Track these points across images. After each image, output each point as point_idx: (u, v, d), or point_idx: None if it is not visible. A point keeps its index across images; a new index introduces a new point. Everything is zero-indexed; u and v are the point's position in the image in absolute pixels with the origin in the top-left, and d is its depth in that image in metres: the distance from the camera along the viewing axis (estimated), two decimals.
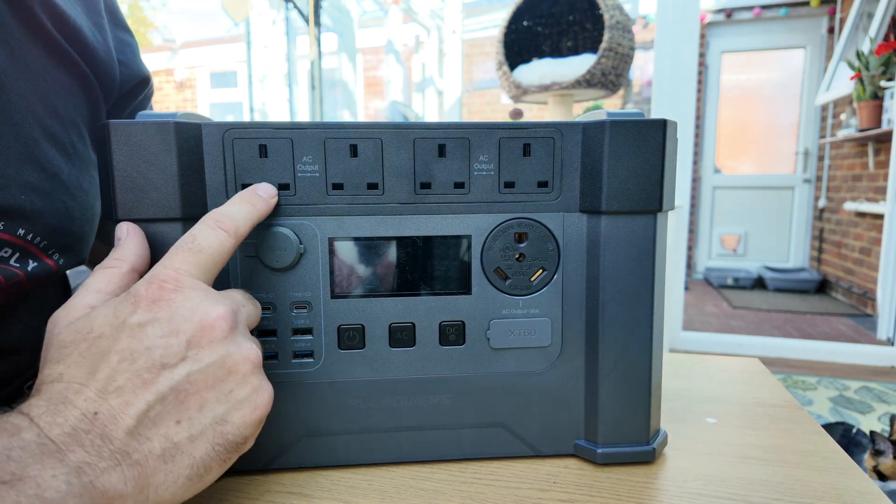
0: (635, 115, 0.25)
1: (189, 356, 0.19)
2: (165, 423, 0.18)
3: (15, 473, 0.15)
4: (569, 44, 1.74)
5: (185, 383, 0.18)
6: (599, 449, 0.27)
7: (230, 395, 0.19)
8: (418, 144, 0.25)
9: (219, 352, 0.19)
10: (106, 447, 0.17)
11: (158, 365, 0.18)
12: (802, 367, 1.75)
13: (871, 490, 0.25)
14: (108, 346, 0.18)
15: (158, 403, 0.18)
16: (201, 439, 0.19)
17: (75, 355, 0.18)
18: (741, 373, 0.41)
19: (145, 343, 0.18)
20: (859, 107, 2.22)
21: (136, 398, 0.18)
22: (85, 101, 0.26)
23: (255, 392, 0.20)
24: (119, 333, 0.18)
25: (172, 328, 0.19)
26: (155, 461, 0.18)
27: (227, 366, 0.19)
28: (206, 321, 0.19)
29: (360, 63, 3.77)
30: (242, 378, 0.20)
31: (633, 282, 0.26)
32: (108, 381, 0.18)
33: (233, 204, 0.23)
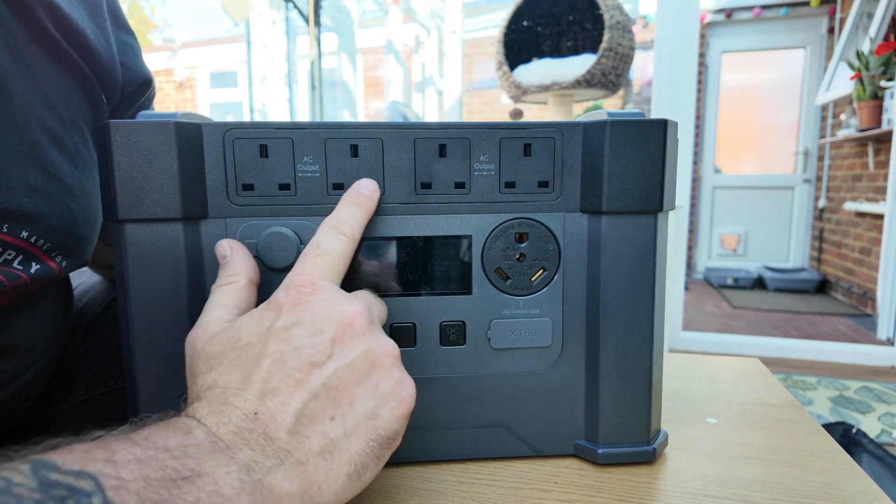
0: (636, 115, 0.25)
1: (335, 353, 0.19)
2: (321, 419, 0.19)
3: (193, 470, 0.15)
4: (569, 44, 1.74)
5: (334, 379, 0.19)
6: (600, 449, 0.27)
7: (377, 388, 0.20)
8: (419, 144, 0.25)
9: (361, 346, 0.20)
10: (269, 446, 0.17)
11: (308, 364, 0.19)
12: (802, 367, 1.75)
13: (871, 490, 0.25)
14: (258, 352, 0.19)
15: (312, 401, 0.18)
16: (356, 435, 0.19)
17: (226, 364, 0.19)
18: (741, 373, 0.41)
19: (293, 344, 0.19)
20: (859, 107, 2.22)
21: (291, 397, 0.18)
22: (87, 103, 0.27)
23: (399, 385, 0.20)
24: (267, 339, 0.19)
25: (316, 328, 0.20)
26: (315, 459, 0.18)
27: (370, 359, 0.20)
28: (345, 319, 0.20)
29: (360, 63, 3.77)
30: (386, 371, 0.20)
31: (634, 282, 0.26)
32: (264, 383, 0.18)
33: (343, 209, 0.24)
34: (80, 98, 0.26)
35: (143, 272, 0.24)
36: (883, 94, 2.14)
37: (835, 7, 2.90)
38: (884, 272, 1.95)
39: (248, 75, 2.52)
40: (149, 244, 0.24)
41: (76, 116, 0.25)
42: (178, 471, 0.15)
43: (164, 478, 0.15)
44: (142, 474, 0.15)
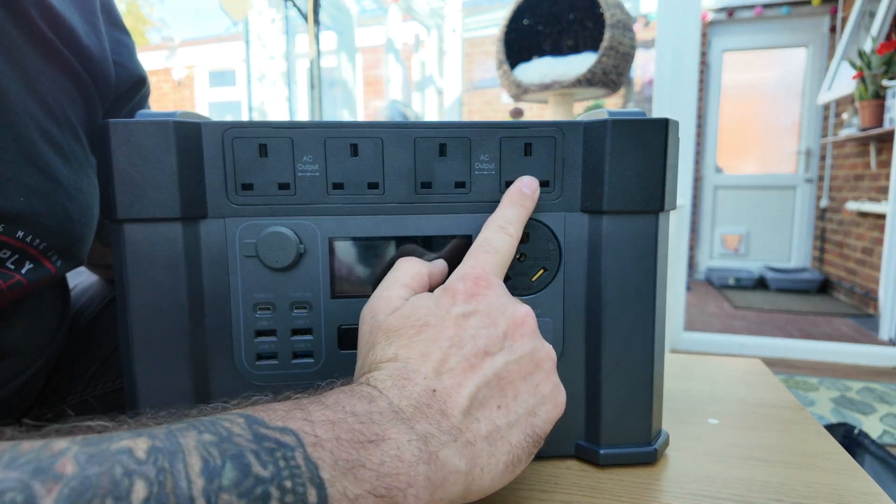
0: (637, 115, 0.25)
1: (506, 346, 0.20)
2: (490, 406, 0.19)
3: (378, 434, 0.17)
4: (569, 42, 1.74)
5: (503, 371, 0.20)
6: (601, 450, 0.27)
7: (537, 388, 0.21)
8: (419, 144, 0.25)
9: (529, 345, 0.21)
10: (444, 422, 0.18)
11: (482, 352, 0.20)
12: (804, 368, 1.75)
13: (873, 491, 0.25)
14: (436, 333, 0.20)
15: (484, 387, 0.19)
16: (517, 427, 0.20)
17: (405, 339, 0.20)
18: (743, 373, 0.41)
19: (469, 332, 0.20)
20: (861, 106, 2.22)
21: (466, 380, 0.19)
22: (81, 102, 0.26)
23: (556, 389, 0.22)
24: (444, 322, 0.20)
25: (491, 320, 0.21)
26: (482, 442, 0.19)
27: (535, 359, 0.21)
28: (517, 317, 0.21)
29: (360, 62, 3.77)
30: (547, 374, 0.21)
31: (635, 282, 0.26)
32: (441, 363, 0.19)
33: (507, 208, 0.24)
34: (73, 97, 0.26)
35: (142, 272, 0.24)
36: (885, 94, 2.13)
37: (836, 6, 2.90)
38: (886, 272, 1.95)
39: (246, 74, 2.52)
40: (148, 244, 0.24)
41: (70, 116, 0.25)
42: (365, 434, 0.16)
43: (353, 439, 0.16)
44: (334, 434, 0.16)
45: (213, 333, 0.25)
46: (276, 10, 2.45)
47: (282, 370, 0.26)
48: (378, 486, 0.16)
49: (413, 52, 3.41)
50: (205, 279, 0.25)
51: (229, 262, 0.25)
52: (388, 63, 3.16)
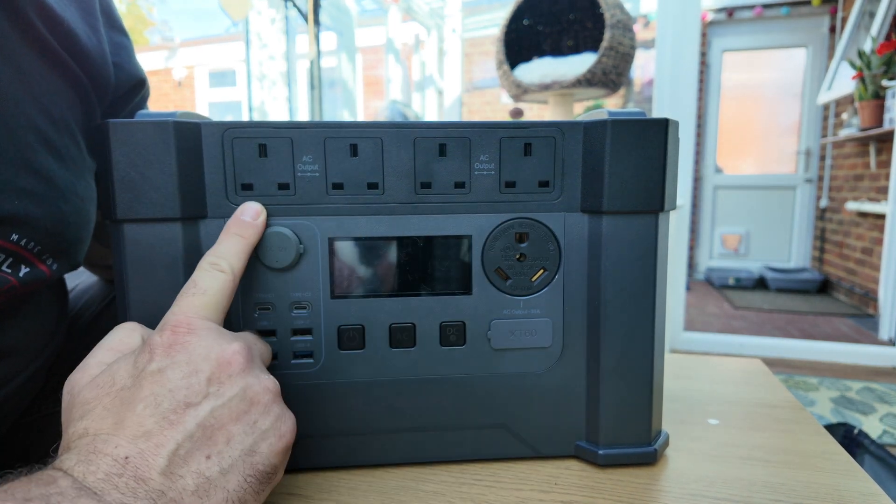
0: (637, 115, 0.25)
1: (211, 392, 0.19)
2: (196, 459, 0.18)
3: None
4: (569, 43, 1.74)
5: (210, 418, 0.19)
6: (601, 450, 0.27)
7: (255, 425, 0.20)
8: (419, 144, 0.25)
9: (239, 384, 0.20)
10: (141, 488, 0.17)
11: (183, 405, 0.19)
12: (804, 368, 1.75)
13: (872, 491, 0.25)
14: (131, 395, 0.19)
15: (187, 441, 0.18)
16: (233, 472, 0.19)
17: (99, 409, 0.19)
18: (743, 373, 0.41)
19: (168, 386, 0.19)
20: (861, 106, 2.22)
21: (165, 439, 0.18)
22: (79, 105, 0.26)
23: (279, 420, 0.21)
24: (141, 382, 0.19)
25: (192, 368, 0.19)
26: (190, 497, 0.18)
27: (248, 397, 0.20)
28: (223, 358, 0.20)
29: (360, 62, 3.77)
30: (265, 408, 0.20)
31: (635, 282, 0.26)
32: (137, 427, 0.18)
33: (223, 242, 0.23)
34: (71, 99, 0.26)
35: (141, 272, 0.24)
36: (885, 94, 2.13)
37: (836, 6, 2.90)
38: (886, 272, 1.95)
39: (246, 74, 2.52)
40: (147, 244, 0.24)
41: (67, 118, 0.25)
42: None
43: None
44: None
45: None
46: (277, 11, 2.45)
47: (281, 370, 0.26)
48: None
49: (413, 52, 3.41)
50: None
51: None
52: (388, 63, 3.16)
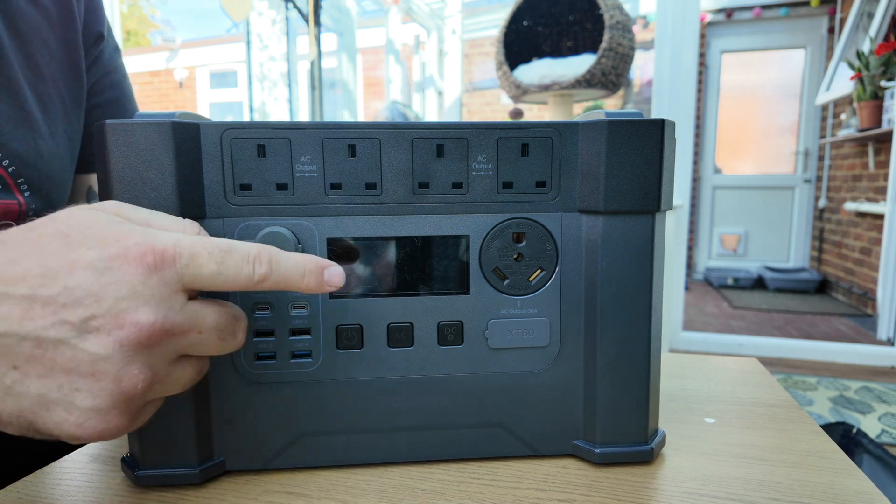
0: (633, 115, 0.25)
1: (80, 329, 0.17)
2: (6, 359, 0.16)
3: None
4: (569, 44, 1.74)
5: (51, 344, 0.17)
6: (598, 449, 0.27)
7: (74, 393, 0.17)
8: (416, 144, 0.25)
9: (105, 350, 0.17)
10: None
11: (52, 310, 0.16)
12: (803, 368, 1.75)
13: (869, 490, 0.25)
14: (52, 252, 0.17)
15: (15, 338, 0.16)
16: (16, 399, 0.17)
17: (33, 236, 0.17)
18: (740, 373, 0.41)
19: (72, 281, 0.17)
20: (859, 107, 2.22)
21: (7, 317, 0.16)
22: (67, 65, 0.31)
23: (96, 413, 0.17)
24: (72, 251, 0.17)
25: (99, 293, 0.17)
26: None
27: (96, 368, 0.17)
28: (123, 317, 0.17)
29: (360, 63, 3.77)
30: (98, 391, 0.17)
31: (632, 282, 0.26)
32: (12, 280, 0.16)
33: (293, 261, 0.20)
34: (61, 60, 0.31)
35: None
36: (883, 94, 2.14)
37: (835, 7, 2.90)
38: (884, 272, 1.95)
39: (247, 75, 2.52)
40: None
41: (56, 77, 0.30)
42: None
43: None
44: None
45: None
46: (277, 12, 2.45)
47: (280, 370, 0.26)
48: None
49: (413, 53, 3.41)
50: None
51: None
52: (388, 64, 3.16)
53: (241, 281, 0.19)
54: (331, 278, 0.21)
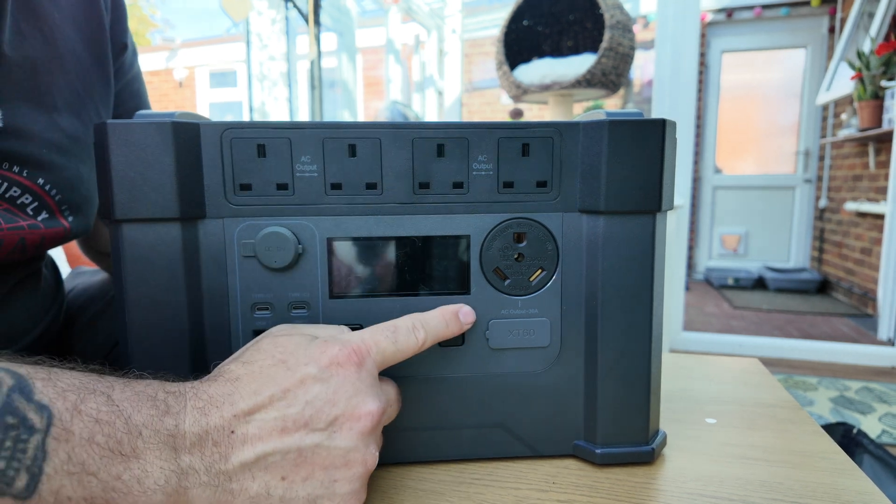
0: (634, 115, 0.25)
1: (328, 430, 0.20)
2: (274, 473, 0.19)
3: (135, 451, 0.17)
4: (569, 43, 1.74)
5: (309, 451, 0.20)
6: (598, 449, 0.27)
7: (334, 483, 0.20)
8: (417, 144, 0.25)
9: (352, 442, 0.20)
10: (217, 465, 0.18)
11: (304, 422, 0.19)
12: (803, 368, 1.75)
13: (870, 490, 0.25)
14: (282, 378, 0.20)
15: (280, 454, 0.19)
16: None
17: (257, 366, 0.20)
18: (741, 373, 0.41)
19: (308, 396, 0.20)
20: (860, 107, 2.22)
21: (269, 438, 0.19)
22: (100, 80, 0.32)
23: (352, 495, 0.21)
24: (296, 372, 0.20)
25: (333, 398, 0.20)
26: (245, 499, 0.19)
27: (348, 458, 0.20)
28: (358, 410, 0.20)
29: (360, 63, 3.77)
30: (352, 476, 0.20)
31: (633, 282, 0.26)
32: (262, 407, 0.19)
33: (436, 318, 0.24)
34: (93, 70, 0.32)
35: (140, 272, 0.24)
36: (884, 94, 2.13)
37: (835, 7, 2.90)
38: (884, 272, 1.95)
39: (247, 75, 2.52)
40: (146, 244, 0.24)
41: (93, 92, 0.31)
42: (122, 445, 0.16)
43: (105, 445, 0.16)
44: (90, 434, 0.16)
45: (211, 333, 0.25)
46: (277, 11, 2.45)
47: None
48: (99, 496, 0.16)
49: (413, 52, 3.41)
50: (203, 279, 0.25)
51: (228, 262, 0.25)
52: (388, 64, 3.16)
53: (412, 350, 0.23)
54: (465, 318, 0.25)
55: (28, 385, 0.16)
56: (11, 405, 0.15)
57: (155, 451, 0.17)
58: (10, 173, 0.26)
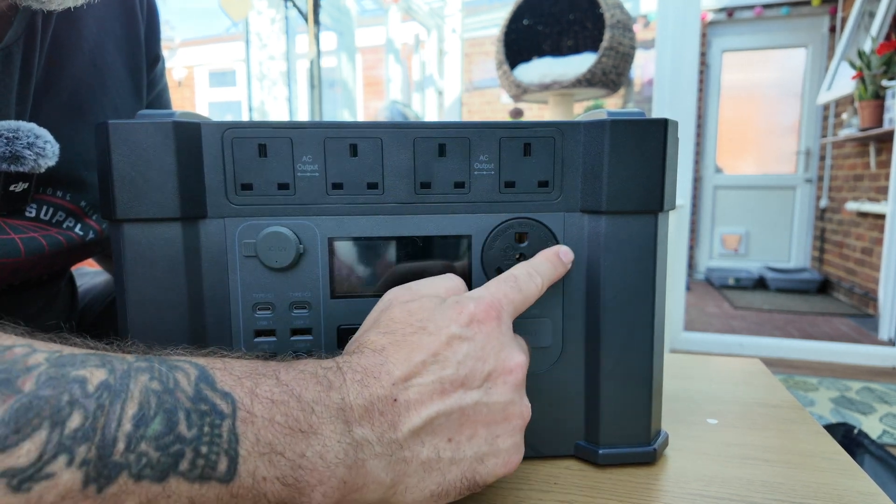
0: (636, 115, 0.25)
1: (484, 387, 0.20)
2: (441, 436, 0.19)
3: (312, 426, 0.17)
4: (569, 43, 1.74)
5: (470, 409, 0.20)
6: (600, 450, 0.27)
7: (497, 439, 0.20)
8: (418, 144, 0.25)
9: (508, 395, 0.20)
10: (388, 434, 0.18)
11: (460, 381, 0.20)
12: (804, 368, 1.75)
13: (872, 490, 0.25)
14: (427, 343, 0.20)
15: (444, 416, 0.19)
16: (458, 466, 0.20)
17: (399, 335, 0.20)
18: (742, 373, 0.41)
19: (457, 356, 0.20)
20: (861, 106, 2.22)
21: (430, 402, 0.19)
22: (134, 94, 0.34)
23: (515, 448, 0.21)
24: (439, 334, 0.20)
25: (483, 354, 0.20)
26: (417, 465, 0.19)
27: (507, 412, 0.20)
28: (508, 363, 0.21)
29: (360, 62, 3.77)
30: (512, 429, 0.21)
31: (634, 282, 0.26)
32: (417, 373, 0.19)
33: (543, 262, 0.24)
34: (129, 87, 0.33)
35: (141, 272, 0.24)
36: (884, 94, 2.13)
37: (836, 6, 2.90)
38: (885, 272, 1.95)
39: (246, 74, 2.52)
40: (147, 244, 0.24)
41: (127, 108, 0.33)
42: (300, 423, 0.17)
43: (286, 424, 0.17)
44: (270, 415, 0.16)
45: (212, 333, 0.25)
46: (276, 11, 2.45)
47: None
48: (289, 474, 0.16)
49: (413, 52, 3.41)
50: (204, 279, 0.25)
51: (229, 262, 0.25)
52: (388, 63, 3.16)
53: (534, 296, 0.23)
54: (566, 257, 0.25)
55: (210, 375, 0.17)
56: (201, 393, 0.16)
57: (329, 426, 0.17)
58: (55, 198, 0.27)
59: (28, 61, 0.25)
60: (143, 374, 0.16)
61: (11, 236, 0.26)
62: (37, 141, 0.24)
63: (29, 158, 0.24)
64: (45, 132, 0.25)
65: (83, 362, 0.15)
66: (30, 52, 0.25)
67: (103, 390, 0.14)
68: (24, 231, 0.26)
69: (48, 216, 0.28)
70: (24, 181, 0.26)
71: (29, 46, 0.25)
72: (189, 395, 0.16)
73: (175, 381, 0.16)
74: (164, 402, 0.15)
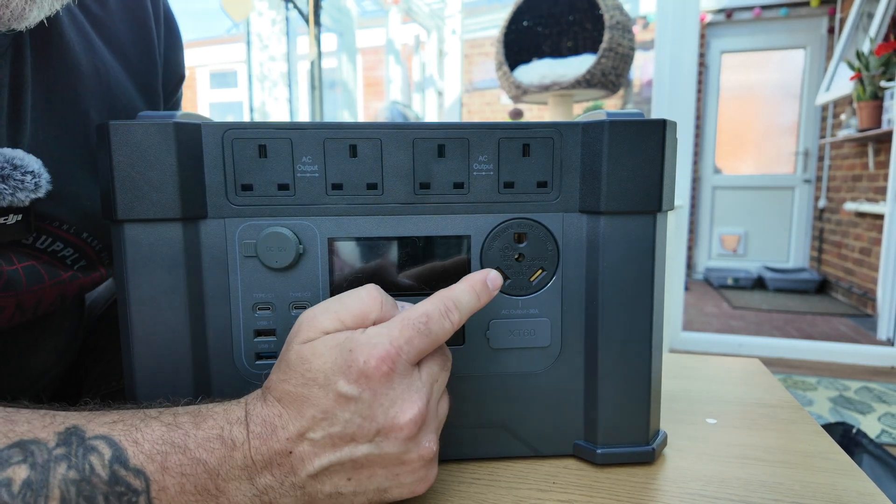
0: (635, 116, 0.25)
1: (375, 441, 0.21)
2: (339, 476, 0.21)
3: (220, 488, 0.19)
4: (569, 44, 1.74)
5: (363, 459, 0.21)
6: (599, 449, 0.27)
7: (397, 477, 0.21)
8: (418, 144, 0.25)
9: (400, 448, 0.21)
10: (288, 479, 0.20)
11: (349, 437, 0.20)
12: (802, 368, 1.75)
13: (871, 490, 0.25)
14: (317, 397, 0.20)
15: (338, 464, 0.21)
16: (363, 495, 0.21)
17: (292, 384, 0.21)
18: (741, 373, 0.41)
19: (345, 416, 0.20)
20: (859, 107, 2.22)
21: (323, 454, 0.20)
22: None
23: (420, 481, 0.22)
24: (327, 391, 0.20)
25: (370, 413, 0.20)
26: (324, 497, 0.21)
27: (403, 459, 0.21)
28: (398, 420, 0.21)
29: (360, 63, 3.77)
30: (412, 469, 0.22)
31: (633, 282, 0.26)
32: (308, 428, 0.20)
33: (464, 292, 0.23)
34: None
35: (141, 272, 0.24)
36: (883, 95, 2.14)
37: (835, 7, 2.90)
38: (884, 272, 1.95)
39: (247, 75, 2.52)
40: (148, 244, 0.24)
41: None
42: (208, 488, 0.19)
43: (195, 491, 0.19)
44: (181, 486, 0.19)
45: (212, 333, 0.25)
46: (277, 12, 2.45)
47: None
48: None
49: (413, 53, 3.41)
50: (205, 279, 0.25)
51: (229, 262, 0.25)
52: (388, 64, 3.16)
53: (446, 335, 0.22)
54: (493, 283, 0.24)
55: (123, 453, 0.18)
56: (116, 476, 0.18)
57: (234, 483, 0.19)
58: (57, 230, 0.26)
59: (18, 78, 0.23)
60: (61, 465, 0.17)
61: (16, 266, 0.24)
62: (13, 173, 0.22)
63: (5, 192, 0.22)
64: (31, 161, 0.23)
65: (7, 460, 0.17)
66: (19, 70, 0.23)
67: (26, 490, 0.16)
68: (25, 260, 0.25)
69: (45, 245, 0.26)
70: (16, 213, 0.24)
71: (17, 65, 0.23)
72: (104, 479, 0.18)
73: (90, 467, 0.18)
74: (82, 490, 0.17)
